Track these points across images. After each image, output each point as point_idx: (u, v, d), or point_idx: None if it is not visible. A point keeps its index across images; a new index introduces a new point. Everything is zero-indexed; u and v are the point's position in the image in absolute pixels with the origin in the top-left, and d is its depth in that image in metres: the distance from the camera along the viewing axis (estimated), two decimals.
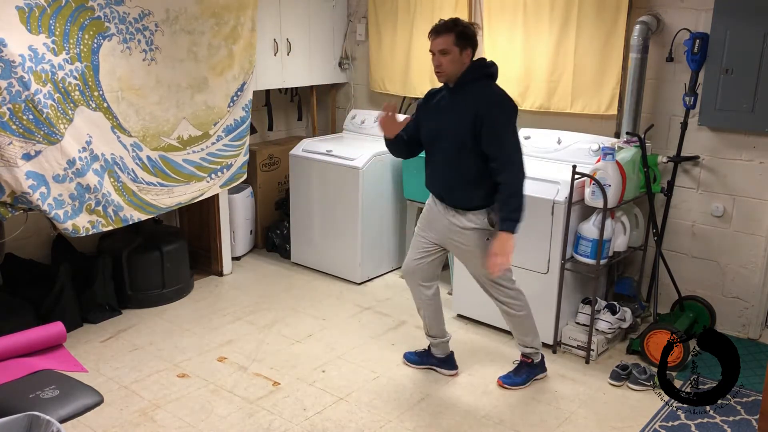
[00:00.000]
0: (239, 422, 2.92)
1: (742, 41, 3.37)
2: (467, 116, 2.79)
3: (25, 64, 2.91)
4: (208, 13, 3.72)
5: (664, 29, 3.64)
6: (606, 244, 3.37)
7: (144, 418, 2.94)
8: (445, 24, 2.82)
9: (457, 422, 2.94)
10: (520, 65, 4.10)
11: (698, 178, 3.68)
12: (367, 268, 4.45)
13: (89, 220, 3.32)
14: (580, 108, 3.94)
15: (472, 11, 4.31)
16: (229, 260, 4.59)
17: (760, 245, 3.55)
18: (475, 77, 2.85)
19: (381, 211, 4.43)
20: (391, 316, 3.97)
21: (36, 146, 3.03)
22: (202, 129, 3.82)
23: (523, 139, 4.04)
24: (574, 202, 3.38)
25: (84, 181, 3.24)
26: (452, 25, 2.81)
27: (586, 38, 3.82)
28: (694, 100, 3.56)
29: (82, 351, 3.50)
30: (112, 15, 3.28)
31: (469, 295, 3.82)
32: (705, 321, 3.68)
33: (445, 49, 2.78)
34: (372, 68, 4.90)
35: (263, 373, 3.33)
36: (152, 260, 4.04)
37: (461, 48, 2.80)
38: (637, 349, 3.45)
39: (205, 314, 3.98)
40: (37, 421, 2.20)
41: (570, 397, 3.14)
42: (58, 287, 3.66)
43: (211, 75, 3.81)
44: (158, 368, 3.36)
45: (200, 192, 3.89)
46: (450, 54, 2.79)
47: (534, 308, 3.54)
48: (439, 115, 2.92)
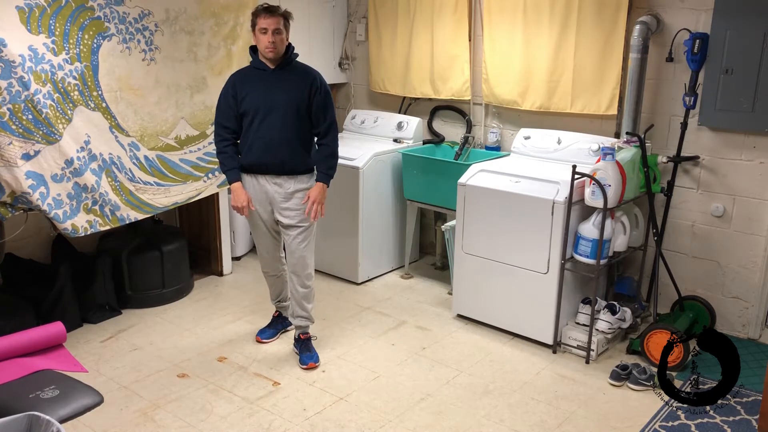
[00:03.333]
0: (239, 422, 2.92)
1: (742, 41, 3.37)
2: (303, 90, 3.20)
3: (25, 64, 2.92)
4: (207, 13, 3.72)
5: (664, 29, 3.64)
6: (606, 244, 3.37)
7: (144, 418, 2.94)
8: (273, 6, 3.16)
9: (457, 422, 2.94)
10: (520, 65, 4.10)
11: (698, 178, 3.68)
12: (367, 268, 4.45)
13: (87, 220, 3.32)
14: (580, 108, 3.94)
15: (472, 11, 4.31)
16: (229, 260, 4.60)
17: (760, 245, 3.55)
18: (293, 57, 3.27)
19: (381, 211, 4.43)
20: (391, 316, 3.97)
21: (35, 146, 3.03)
22: (200, 129, 3.82)
23: (523, 139, 4.05)
24: (574, 202, 3.38)
25: (82, 180, 3.24)
26: (280, 9, 3.16)
27: (586, 38, 3.82)
28: (694, 100, 3.56)
29: (82, 351, 3.51)
30: (111, 15, 3.28)
31: (469, 295, 3.83)
32: (705, 321, 3.68)
33: (279, 28, 3.13)
34: (372, 68, 4.90)
35: (263, 373, 3.33)
36: (152, 260, 4.04)
37: (287, 30, 3.19)
38: (637, 349, 3.45)
39: (205, 314, 3.98)
40: (37, 421, 2.20)
41: (570, 397, 3.14)
42: (58, 287, 3.66)
43: (210, 75, 3.81)
44: (158, 368, 3.36)
45: (197, 192, 3.89)
46: (282, 34, 3.15)
47: (534, 308, 3.56)
48: (271, 91, 3.19)
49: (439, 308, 4.08)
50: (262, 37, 3.12)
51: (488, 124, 4.47)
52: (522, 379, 3.29)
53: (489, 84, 4.29)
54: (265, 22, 3.10)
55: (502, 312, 3.69)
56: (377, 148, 4.37)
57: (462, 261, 3.81)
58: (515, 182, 3.57)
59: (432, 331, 3.79)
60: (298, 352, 3.45)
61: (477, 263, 3.74)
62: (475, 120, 4.49)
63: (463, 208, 3.74)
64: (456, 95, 4.48)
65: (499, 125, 4.42)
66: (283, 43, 3.17)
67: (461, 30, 4.33)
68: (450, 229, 4.00)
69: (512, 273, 3.59)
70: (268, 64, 3.20)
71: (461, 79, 4.41)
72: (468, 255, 3.77)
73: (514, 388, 3.21)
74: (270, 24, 3.10)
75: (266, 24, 3.10)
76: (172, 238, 4.18)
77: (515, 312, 3.64)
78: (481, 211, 3.66)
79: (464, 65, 4.37)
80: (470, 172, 3.77)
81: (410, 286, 4.43)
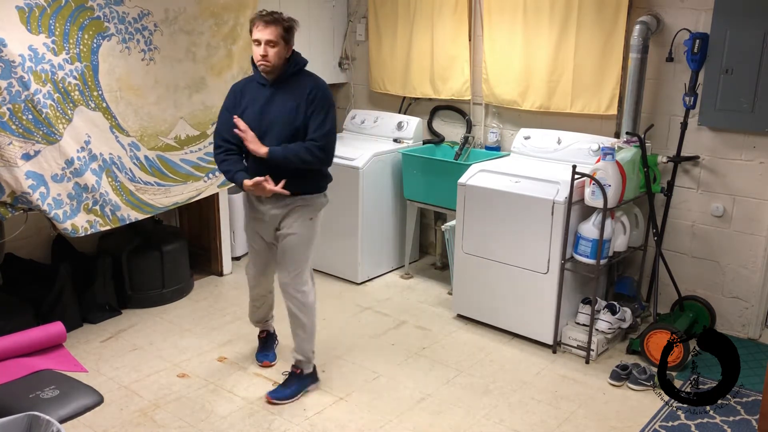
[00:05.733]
0: (239, 422, 2.92)
1: (742, 41, 3.37)
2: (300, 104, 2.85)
3: (25, 64, 2.91)
4: (207, 13, 3.72)
5: (664, 29, 3.64)
6: (606, 244, 3.37)
7: (144, 418, 2.94)
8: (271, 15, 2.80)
9: (457, 422, 2.94)
10: (520, 65, 4.10)
11: (698, 178, 3.68)
12: (367, 268, 4.45)
13: (87, 220, 3.31)
14: (580, 108, 3.94)
15: (472, 11, 4.31)
16: (229, 260, 4.60)
17: (760, 245, 3.55)
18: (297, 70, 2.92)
19: (381, 211, 4.43)
20: (391, 316, 3.97)
21: (35, 146, 3.03)
22: (200, 129, 3.82)
23: (523, 139, 4.05)
24: (574, 202, 3.38)
25: (82, 180, 3.24)
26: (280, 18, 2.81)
27: (586, 38, 3.82)
28: (694, 100, 3.56)
29: (82, 351, 3.51)
30: (111, 15, 3.28)
31: (469, 295, 3.83)
32: (705, 321, 3.68)
33: (273, 40, 2.78)
34: (372, 68, 4.90)
35: (263, 373, 3.33)
36: (152, 260, 4.04)
37: (286, 42, 2.83)
38: (637, 349, 3.45)
39: (205, 314, 3.98)
40: (37, 421, 2.20)
41: (570, 397, 3.14)
42: (58, 287, 3.66)
43: (209, 75, 3.80)
44: (158, 368, 3.36)
45: (197, 192, 3.89)
46: (278, 46, 2.79)
47: (534, 308, 3.56)
48: (267, 110, 2.88)
49: (439, 308, 4.08)
50: (255, 48, 2.80)
51: (488, 124, 4.47)
52: (522, 379, 3.29)
53: (489, 84, 4.29)
54: (259, 33, 2.77)
55: (502, 312, 3.69)
56: (377, 148, 4.37)
57: (462, 261, 3.81)
58: (515, 182, 3.57)
59: (432, 331, 3.79)
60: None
61: (477, 263, 3.74)
62: (475, 120, 4.49)
63: (463, 208, 3.74)
64: (456, 95, 4.48)
65: (499, 125, 4.42)
66: (279, 56, 2.80)
67: (461, 30, 4.33)
68: (450, 229, 4.00)
69: (512, 273, 3.59)
70: (267, 78, 2.89)
71: (461, 79, 4.41)
72: (468, 255, 3.77)
73: (514, 388, 3.21)
74: (263, 35, 2.76)
75: (259, 35, 2.77)
76: (172, 238, 4.18)
77: (515, 312, 3.64)
78: (481, 211, 3.66)
79: (464, 65, 4.37)
80: (470, 172, 3.77)
81: (410, 286, 4.43)
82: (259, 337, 3.47)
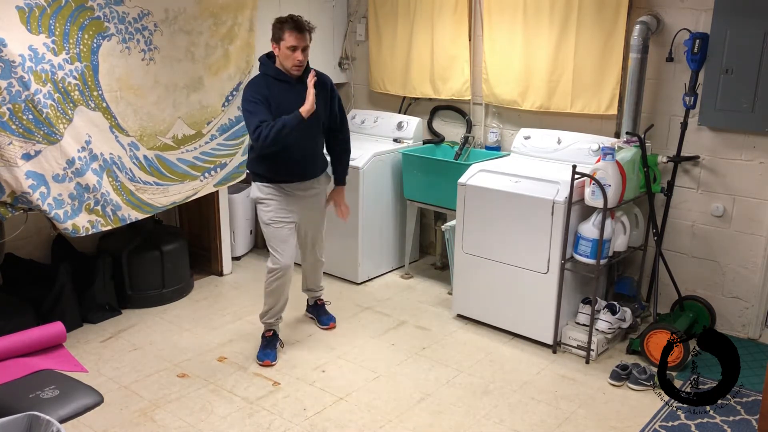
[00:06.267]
0: (239, 422, 2.92)
1: (742, 41, 3.37)
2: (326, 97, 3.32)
3: (25, 64, 2.92)
4: (206, 14, 3.72)
5: (664, 29, 3.64)
6: (606, 244, 3.37)
7: (144, 418, 2.95)
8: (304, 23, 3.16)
9: (457, 422, 2.94)
10: (520, 65, 4.10)
11: (698, 178, 3.68)
12: (367, 268, 4.45)
13: (89, 220, 3.32)
14: (580, 108, 3.94)
15: (472, 11, 4.31)
16: (229, 260, 4.60)
17: (760, 245, 3.55)
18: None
19: (381, 211, 4.43)
20: (391, 316, 3.97)
21: (36, 146, 3.03)
22: (196, 128, 3.82)
23: (523, 139, 4.05)
24: (574, 202, 3.38)
25: (83, 180, 3.24)
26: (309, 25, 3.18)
27: (586, 38, 3.82)
28: (694, 100, 3.56)
29: (82, 351, 3.51)
30: (111, 15, 3.28)
31: (469, 295, 3.83)
32: (705, 321, 3.68)
33: (308, 45, 3.19)
34: (372, 68, 4.90)
35: (263, 373, 3.33)
36: (152, 260, 4.04)
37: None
38: (637, 349, 3.45)
39: (205, 314, 3.98)
40: (37, 421, 2.20)
41: (570, 397, 3.14)
42: (58, 287, 3.66)
43: (206, 74, 3.81)
44: (158, 368, 3.36)
45: (194, 191, 3.89)
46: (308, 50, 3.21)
47: (534, 308, 3.56)
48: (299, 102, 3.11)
49: (439, 308, 4.08)
50: (291, 53, 3.12)
51: (488, 124, 4.47)
52: (522, 379, 3.29)
53: (489, 84, 4.29)
54: (295, 39, 3.10)
55: (502, 312, 3.69)
56: (377, 148, 4.37)
57: (462, 261, 3.81)
58: (515, 182, 3.57)
59: (432, 331, 3.79)
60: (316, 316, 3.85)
61: (477, 263, 3.74)
62: (475, 120, 4.49)
63: (463, 208, 3.74)
64: (456, 95, 4.48)
65: (499, 125, 4.42)
66: (307, 57, 3.21)
67: (461, 30, 4.33)
68: (450, 229, 4.00)
69: (512, 273, 3.59)
70: (291, 74, 3.21)
71: (461, 79, 4.41)
72: (468, 255, 3.77)
73: (514, 388, 3.21)
74: (300, 42, 3.11)
75: (296, 42, 3.10)
76: (172, 238, 4.18)
77: (515, 312, 3.64)
78: (481, 211, 3.66)
79: (464, 65, 4.37)
80: (470, 172, 3.77)
81: (410, 286, 4.43)
82: (264, 335, 3.48)
